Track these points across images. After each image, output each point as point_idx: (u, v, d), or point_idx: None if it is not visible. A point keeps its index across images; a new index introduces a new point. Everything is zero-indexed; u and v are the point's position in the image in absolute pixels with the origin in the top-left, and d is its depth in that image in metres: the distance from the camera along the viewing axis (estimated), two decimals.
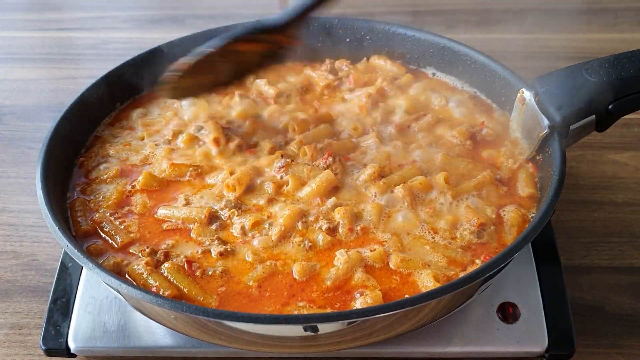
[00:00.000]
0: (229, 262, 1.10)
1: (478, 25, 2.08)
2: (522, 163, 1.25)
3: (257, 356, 1.17)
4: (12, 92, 1.88)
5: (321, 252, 1.11)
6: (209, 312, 0.93)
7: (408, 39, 1.51)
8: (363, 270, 1.07)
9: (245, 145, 1.31)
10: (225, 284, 1.06)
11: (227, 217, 1.17)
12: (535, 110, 1.19)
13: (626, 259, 1.34)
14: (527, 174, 1.23)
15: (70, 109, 1.29)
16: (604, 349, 1.18)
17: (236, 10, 2.21)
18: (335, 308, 1.02)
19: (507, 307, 1.16)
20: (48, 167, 1.17)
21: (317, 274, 1.07)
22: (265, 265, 1.08)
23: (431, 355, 1.14)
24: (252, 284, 1.06)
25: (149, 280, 1.06)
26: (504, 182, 1.23)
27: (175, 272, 1.07)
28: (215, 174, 1.26)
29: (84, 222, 1.17)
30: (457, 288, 0.95)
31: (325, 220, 1.14)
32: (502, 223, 1.15)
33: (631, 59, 1.14)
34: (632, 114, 1.16)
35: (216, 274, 1.07)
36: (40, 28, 2.20)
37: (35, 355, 1.20)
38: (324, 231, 1.12)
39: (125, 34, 2.13)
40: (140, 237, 1.15)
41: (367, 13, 2.17)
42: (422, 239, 1.13)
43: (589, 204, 1.44)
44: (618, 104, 1.13)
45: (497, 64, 1.37)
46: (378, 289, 1.04)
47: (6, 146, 1.67)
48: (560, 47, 1.98)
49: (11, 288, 1.32)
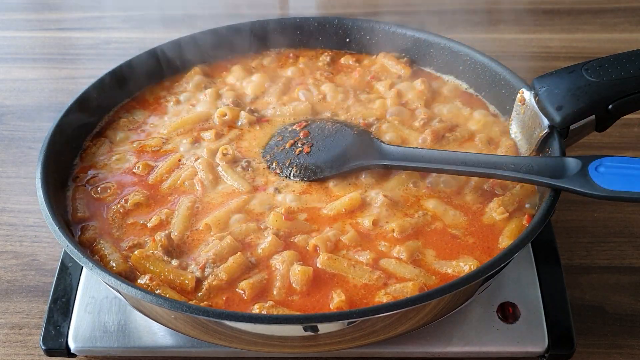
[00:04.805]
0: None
1: (478, 25, 2.08)
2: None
3: (257, 356, 1.18)
4: (12, 92, 1.88)
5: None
6: (209, 312, 0.93)
7: (408, 39, 1.51)
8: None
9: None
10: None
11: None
12: (535, 110, 1.19)
13: (626, 259, 1.34)
14: (517, 225, 1.14)
15: (70, 108, 1.30)
16: (604, 349, 1.19)
17: (236, 10, 2.21)
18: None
19: (507, 307, 1.16)
20: (48, 167, 1.17)
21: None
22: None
23: (431, 355, 1.14)
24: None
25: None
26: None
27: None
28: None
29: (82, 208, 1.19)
30: (457, 288, 0.95)
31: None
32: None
33: (631, 59, 1.14)
34: (632, 114, 1.16)
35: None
36: (40, 28, 2.21)
37: (35, 355, 1.20)
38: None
39: (125, 34, 2.14)
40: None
41: (367, 13, 2.17)
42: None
43: (589, 204, 1.44)
44: (618, 104, 1.13)
45: (497, 64, 1.37)
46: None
47: (6, 146, 1.68)
48: (560, 47, 1.98)
49: (11, 288, 1.32)
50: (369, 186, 1.22)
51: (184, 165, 1.28)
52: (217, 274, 1.07)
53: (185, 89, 1.48)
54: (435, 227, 1.15)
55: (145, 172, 1.27)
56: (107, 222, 1.18)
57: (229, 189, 1.23)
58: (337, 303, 1.02)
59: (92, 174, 1.27)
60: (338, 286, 1.06)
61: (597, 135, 1.22)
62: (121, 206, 1.20)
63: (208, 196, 1.22)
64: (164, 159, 1.30)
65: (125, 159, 1.31)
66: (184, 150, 1.32)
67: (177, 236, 1.14)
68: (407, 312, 0.96)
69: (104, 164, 1.29)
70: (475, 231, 1.14)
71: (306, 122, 1.34)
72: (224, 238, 1.12)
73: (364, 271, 1.07)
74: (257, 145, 1.33)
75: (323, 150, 1.26)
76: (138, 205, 1.20)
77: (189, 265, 1.10)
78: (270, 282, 1.07)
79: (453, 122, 1.36)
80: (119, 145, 1.34)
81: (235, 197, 1.21)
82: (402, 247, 1.10)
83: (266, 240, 1.12)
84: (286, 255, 1.09)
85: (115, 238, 1.15)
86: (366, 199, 1.19)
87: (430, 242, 1.13)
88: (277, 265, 1.08)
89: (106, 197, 1.23)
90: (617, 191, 1.00)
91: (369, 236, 1.14)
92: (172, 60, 1.50)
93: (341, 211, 1.17)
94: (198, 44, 1.52)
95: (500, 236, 1.12)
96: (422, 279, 1.06)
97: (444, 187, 1.21)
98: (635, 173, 1.01)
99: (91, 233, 1.15)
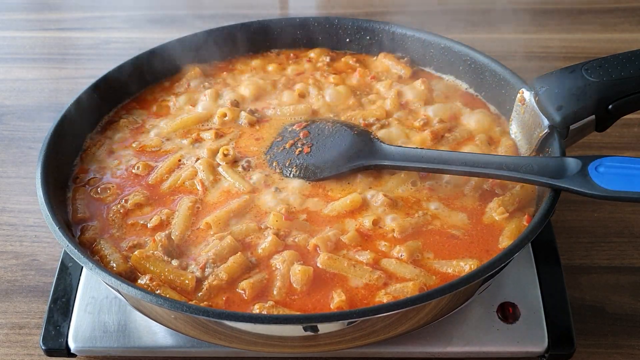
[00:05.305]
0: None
1: (478, 25, 2.08)
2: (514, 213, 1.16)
3: (257, 356, 1.18)
4: (12, 92, 1.88)
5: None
6: (209, 312, 0.93)
7: (408, 39, 1.51)
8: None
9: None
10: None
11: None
12: (535, 110, 1.19)
13: (626, 259, 1.34)
14: (517, 226, 1.14)
15: (70, 108, 1.30)
16: (604, 349, 1.19)
17: (236, 10, 2.21)
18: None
19: (507, 307, 1.16)
20: (48, 167, 1.17)
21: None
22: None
23: (431, 355, 1.14)
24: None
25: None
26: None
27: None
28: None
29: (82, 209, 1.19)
30: (457, 288, 0.95)
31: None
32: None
33: (631, 59, 1.14)
34: (632, 114, 1.16)
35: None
36: (40, 28, 2.21)
37: (35, 355, 1.20)
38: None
39: (125, 34, 2.14)
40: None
41: (367, 13, 2.17)
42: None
43: (589, 204, 1.44)
44: (618, 104, 1.13)
45: (497, 64, 1.37)
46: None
47: (6, 146, 1.68)
48: (560, 47, 1.98)
49: (11, 288, 1.32)
50: (369, 186, 1.22)
51: (184, 165, 1.28)
52: (218, 274, 1.07)
53: (186, 89, 1.48)
54: (435, 227, 1.15)
55: (145, 172, 1.27)
56: (107, 223, 1.18)
57: (230, 189, 1.23)
58: (338, 303, 1.02)
59: (92, 174, 1.27)
60: (338, 286, 1.06)
61: (597, 135, 1.22)
62: (121, 206, 1.20)
63: (208, 196, 1.22)
64: (164, 159, 1.30)
65: (126, 159, 1.31)
66: (184, 150, 1.32)
67: (178, 236, 1.14)
68: (407, 312, 0.96)
69: (104, 164, 1.30)
70: (475, 231, 1.14)
71: (306, 122, 1.34)
72: (224, 238, 1.12)
73: (364, 271, 1.07)
74: (257, 145, 1.33)
75: (323, 150, 1.26)
76: (138, 206, 1.20)
77: (189, 265, 1.10)
78: (271, 282, 1.07)
79: (453, 123, 1.36)
80: (119, 145, 1.34)
81: (235, 197, 1.21)
82: (402, 247, 1.10)
83: (266, 240, 1.12)
84: (286, 255, 1.09)
85: (116, 238, 1.15)
86: (366, 199, 1.19)
87: (430, 242, 1.13)
88: (278, 265, 1.08)
89: (106, 198, 1.23)
90: (617, 191, 1.00)
91: (369, 236, 1.14)
92: (172, 60, 1.50)
93: (342, 211, 1.17)
94: (198, 44, 1.52)
95: (500, 236, 1.12)
96: (422, 278, 1.06)
97: (444, 187, 1.21)
98: (635, 173, 1.01)
99: (91, 233, 1.15)
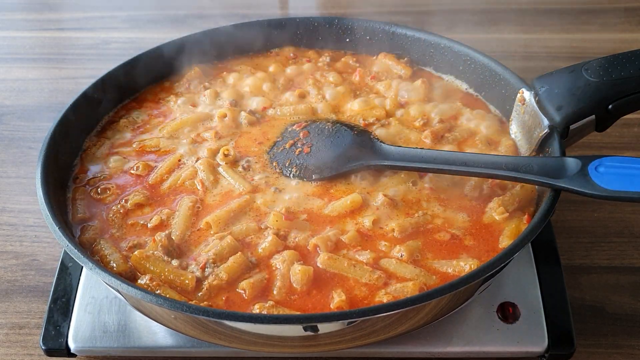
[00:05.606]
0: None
1: (478, 25, 2.08)
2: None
3: (257, 356, 1.17)
4: (12, 92, 1.88)
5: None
6: (209, 312, 0.93)
7: (408, 39, 1.51)
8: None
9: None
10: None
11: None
12: (535, 110, 1.19)
13: (626, 259, 1.34)
14: (517, 225, 1.13)
15: (70, 108, 1.30)
16: (604, 349, 1.19)
17: (236, 10, 2.21)
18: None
19: (507, 307, 1.16)
20: (48, 167, 1.17)
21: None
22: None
23: (431, 355, 1.14)
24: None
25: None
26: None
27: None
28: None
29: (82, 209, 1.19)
30: (457, 288, 0.95)
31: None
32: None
33: (631, 59, 1.14)
34: (632, 114, 1.16)
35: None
36: (40, 28, 2.21)
37: (35, 355, 1.20)
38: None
39: (125, 34, 2.14)
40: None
41: (367, 13, 2.17)
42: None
43: (589, 203, 1.44)
44: (618, 104, 1.13)
45: (497, 64, 1.37)
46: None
47: (6, 146, 1.68)
48: (560, 47, 1.98)
49: (11, 288, 1.32)
50: (369, 186, 1.22)
51: (184, 165, 1.28)
52: (218, 273, 1.07)
53: (186, 89, 1.48)
54: (435, 226, 1.15)
55: (145, 173, 1.27)
56: (107, 223, 1.18)
57: (230, 188, 1.23)
58: (338, 303, 1.02)
59: (92, 174, 1.28)
60: (338, 286, 1.06)
61: (597, 135, 1.22)
62: (121, 206, 1.20)
63: (209, 196, 1.22)
64: (164, 159, 1.30)
65: (125, 159, 1.31)
66: (184, 150, 1.32)
67: (178, 236, 1.14)
68: (407, 312, 0.96)
69: (104, 165, 1.30)
70: (475, 231, 1.14)
71: (306, 122, 1.34)
72: (224, 238, 1.12)
73: (365, 271, 1.07)
74: (257, 145, 1.33)
75: (323, 150, 1.26)
76: (138, 206, 1.20)
77: (189, 265, 1.10)
78: (271, 282, 1.07)
79: (453, 123, 1.36)
80: (119, 145, 1.34)
81: (236, 197, 1.21)
82: (402, 247, 1.10)
83: (266, 240, 1.12)
84: (286, 254, 1.09)
85: (116, 238, 1.15)
86: (366, 199, 1.19)
87: (430, 241, 1.13)
88: (278, 265, 1.08)
89: (106, 198, 1.22)
90: (617, 191, 1.00)
91: (369, 236, 1.14)
92: (172, 60, 1.50)
93: (342, 211, 1.17)
94: (198, 44, 1.52)
95: (500, 236, 1.12)
96: (422, 278, 1.06)
97: (444, 187, 1.21)
98: (635, 173, 1.01)
99: (91, 233, 1.15)
